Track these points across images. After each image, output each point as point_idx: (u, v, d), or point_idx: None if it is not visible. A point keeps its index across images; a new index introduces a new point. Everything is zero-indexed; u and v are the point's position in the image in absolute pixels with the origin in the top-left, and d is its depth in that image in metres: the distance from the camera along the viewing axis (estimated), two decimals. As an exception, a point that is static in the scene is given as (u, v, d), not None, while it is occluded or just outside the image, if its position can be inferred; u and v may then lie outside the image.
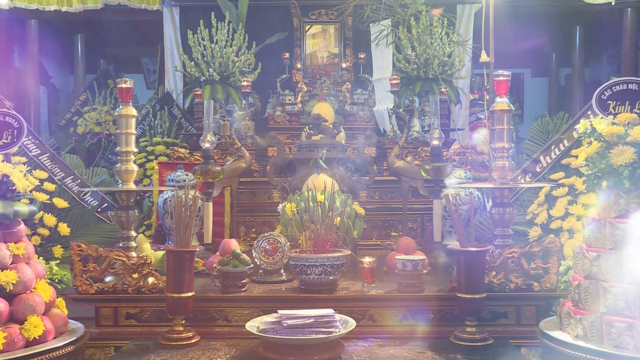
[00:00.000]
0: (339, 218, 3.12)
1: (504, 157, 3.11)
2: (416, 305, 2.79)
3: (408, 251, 3.20)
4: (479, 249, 2.56)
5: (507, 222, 3.10)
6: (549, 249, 2.77)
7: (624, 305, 2.27)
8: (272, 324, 2.35)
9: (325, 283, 2.82)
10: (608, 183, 2.44)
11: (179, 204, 2.61)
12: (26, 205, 2.62)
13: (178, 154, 4.64)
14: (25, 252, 2.55)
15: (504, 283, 2.77)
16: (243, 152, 3.91)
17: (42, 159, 4.21)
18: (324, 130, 4.04)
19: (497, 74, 3.14)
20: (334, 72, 5.53)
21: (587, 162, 2.52)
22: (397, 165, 3.76)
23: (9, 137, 2.73)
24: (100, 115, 6.63)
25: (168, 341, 2.56)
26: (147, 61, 9.09)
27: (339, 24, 5.62)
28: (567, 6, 6.73)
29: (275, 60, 5.39)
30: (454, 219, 2.65)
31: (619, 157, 2.39)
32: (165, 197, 4.03)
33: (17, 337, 2.36)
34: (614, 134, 2.44)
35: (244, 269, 2.88)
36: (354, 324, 2.42)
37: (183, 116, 5.80)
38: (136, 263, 2.86)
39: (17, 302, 2.45)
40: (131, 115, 3.12)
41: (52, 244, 3.75)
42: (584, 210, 3.30)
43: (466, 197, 3.79)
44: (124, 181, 3.12)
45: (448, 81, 4.29)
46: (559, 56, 8.79)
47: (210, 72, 4.21)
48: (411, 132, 4.60)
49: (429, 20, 4.29)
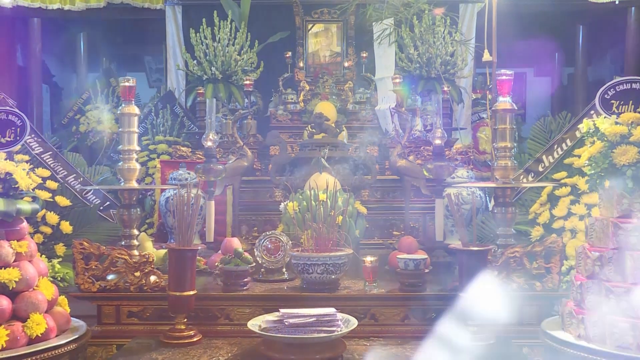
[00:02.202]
0: (341, 217, 3.12)
1: (507, 157, 3.11)
2: (418, 305, 2.80)
3: (410, 250, 3.20)
4: (481, 248, 2.56)
5: (509, 222, 3.09)
6: (551, 249, 2.77)
7: (626, 306, 2.26)
8: (273, 323, 2.35)
9: (327, 282, 2.82)
10: (611, 183, 2.44)
11: (181, 203, 2.61)
12: (29, 203, 2.62)
13: (180, 152, 4.65)
14: (27, 250, 2.55)
15: (506, 282, 2.76)
16: (245, 150, 3.91)
17: (45, 157, 4.22)
18: (326, 129, 4.03)
19: (499, 73, 3.13)
20: (336, 71, 5.52)
21: (590, 161, 2.52)
22: (399, 164, 3.76)
23: (12, 135, 2.73)
24: (102, 114, 6.64)
25: (170, 339, 2.56)
26: (149, 60, 9.09)
27: (341, 22, 5.61)
28: (570, 5, 6.71)
29: (278, 59, 5.38)
30: (456, 218, 2.65)
31: (622, 157, 2.39)
32: (167, 195, 4.04)
33: (19, 335, 2.36)
34: (617, 134, 2.43)
35: (246, 267, 2.88)
36: (355, 323, 2.42)
37: (185, 115, 5.80)
38: (138, 261, 2.86)
39: (19, 299, 2.45)
40: (133, 113, 3.12)
41: (55, 242, 3.75)
42: (586, 210, 3.29)
43: (468, 197, 3.78)
44: (126, 179, 3.12)
45: (450, 80, 4.28)
46: (562, 55, 8.76)
47: (212, 70, 4.21)
48: (413, 131, 4.59)
49: (431, 19, 4.29)
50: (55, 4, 6.29)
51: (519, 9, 6.12)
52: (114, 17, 7.00)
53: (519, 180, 3.86)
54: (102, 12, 6.60)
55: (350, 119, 5.01)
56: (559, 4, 6.66)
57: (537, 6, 6.64)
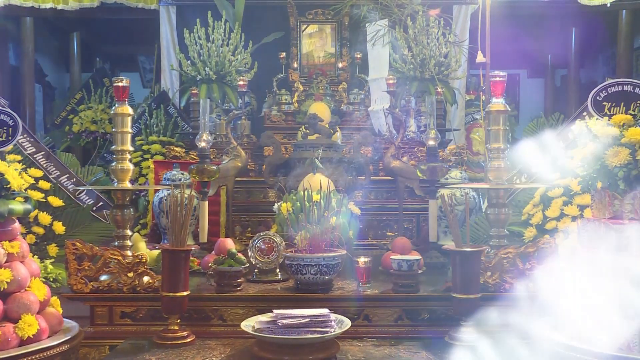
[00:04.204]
0: (335, 218, 3.12)
1: (500, 158, 3.12)
2: (411, 305, 2.80)
3: (403, 251, 3.21)
4: (474, 249, 2.57)
5: (502, 223, 3.10)
6: (544, 250, 2.78)
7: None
8: (267, 324, 2.34)
9: (321, 283, 2.82)
10: (603, 184, 2.45)
11: (174, 203, 2.60)
12: (21, 204, 2.61)
13: (174, 152, 4.63)
14: (19, 250, 2.53)
15: (499, 283, 2.77)
16: (239, 151, 3.90)
17: (37, 157, 4.20)
18: (320, 129, 4.04)
19: (493, 75, 3.14)
20: (330, 72, 5.53)
21: (582, 163, 2.53)
22: (393, 165, 3.76)
23: (4, 135, 2.72)
24: (95, 114, 6.62)
25: (163, 340, 2.55)
26: (143, 60, 9.08)
27: (335, 23, 5.62)
28: (563, 7, 6.76)
29: (272, 59, 5.38)
30: (450, 219, 2.66)
31: (614, 159, 2.40)
32: (160, 196, 4.03)
33: (11, 336, 2.35)
34: (609, 135, 2.45)
35: (240, 268, 2.88)
36: (349, 324, 2.42)
37: (179, 115, 5.79)
38: (131, 262, 2.85)
39: (11, 300, 2.43)
40: (127, 113, 3.11)
41: (47, 243, 3.73)
42: (579, 211, 3.31)
43: (462, 198, 3.79)
44: (120, 180, 3.11)
45: (444, 81, 4.28)
46: (555, 57, 8.81)
47: (206, 71, 4.19)
48: (407, 132, 4.60)
49: (425, 21, 4.30)
50: (48, 4, 6.26)
51: (512, 10, 6.15)
52: (107, 16, 6.99)
53: (512, 181, 3.87)
54: (96, 12, 6.59)
55: (344, 119, 5.01)
56: (552, 6, 6.71)
57: (531, 8, 6.68)
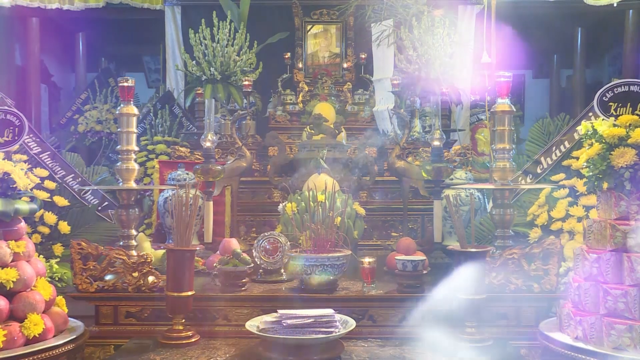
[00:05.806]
0: (340, 218, 3.12)
1: (505, 158, 3.11)
2: (416, 306, 2.79)
3: (408, 252, 3.20)
4: (479, 249, 2.56)
5: (507, 223, 3.10)
6: (549, 250, 2.77)
7: (624, 307, 2.27)
8: (271, 324, 2.35)
9: (325, 283, 2.82)
10: (609, 185, 2.44)
11: (179, 203, 2.61)
12: (27, 203, 2.62)
13: (179, 152, 4.64)
14: (25, 250, 2.55)
15: (504, 284, 2.77)
16: (244, 151, 3.91)
17: (43, 157, 4.21)
18: (325, 130, 4.04)
19: (498, 75, 3.13)
20: (335, 72, 5.53)
21: (588, 163, 2.52)
22: (398, 165, 3.76)
23: (10, 135, 2.73)
24: (101, 114, 6.64)
25: (168, 340, 2.56)
26: (148, 60, 9.09)
27: (340, 23, 5.62)
28: (569, 7, 6.72)
29: (277, 59, 5.39)
30: (455, 220, 2.65)
31: (620, 159, 2.39)
32: (165, 196, 4.03)
33: (17, 335, 2.36)
34: (615, 136, 2.44)
35: (244, 268, 2.88)
36: (353, 324, 2.42)
37: (184, 115, 5.80)
38: (136, 262, 2.86)
39: (17, 299, 2.45)
40: (132, 113, 3.12)
41: (53, 242, 3.74)
42: (584, 212, 3.30)
43: (467, 198, 3.79)
44: (125, 180, 3.12)
45: (449, 82, 4.28)
46: (561, 57, 8.78)
47: (211, 71, 4.21)
48: (412, 133, 4.59)
49: (430, 21, 4.29)
50: (54, 4, 6.27)
51: (517, 10, 6.13)
52: (112, 17, 6.99)
53: (517, 181, 3.86)
54: (101, 12, 6.59)
55: (349, 120, 5.01)
56: (557, 6, 6.67)
57: (536, 8, 6.65)
